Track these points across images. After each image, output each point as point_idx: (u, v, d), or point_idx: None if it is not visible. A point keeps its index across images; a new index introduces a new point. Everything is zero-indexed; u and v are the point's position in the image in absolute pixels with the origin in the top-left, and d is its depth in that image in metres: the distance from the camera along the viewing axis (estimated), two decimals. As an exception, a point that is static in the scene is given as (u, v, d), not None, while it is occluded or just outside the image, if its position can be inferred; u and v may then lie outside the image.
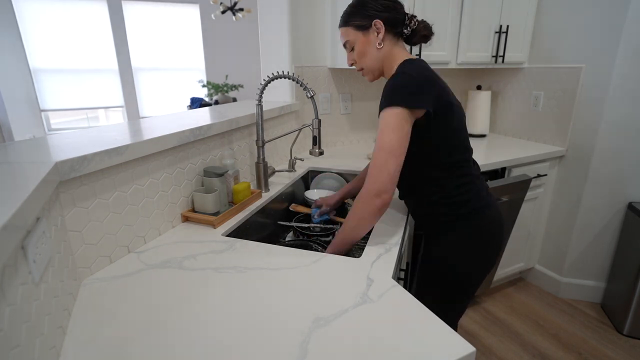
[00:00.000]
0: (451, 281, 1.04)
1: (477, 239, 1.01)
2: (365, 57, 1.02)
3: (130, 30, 4.96)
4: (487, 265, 1.05)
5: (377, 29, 0.97)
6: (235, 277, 0.80)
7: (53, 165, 0.67)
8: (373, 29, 0.98)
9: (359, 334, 0.62)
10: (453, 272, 1.03)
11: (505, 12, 1.99)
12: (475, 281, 1.06)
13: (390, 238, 0.99)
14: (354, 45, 1.02)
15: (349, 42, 1.03)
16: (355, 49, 1.02)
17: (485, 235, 1.02)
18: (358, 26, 0.99)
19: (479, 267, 1.04)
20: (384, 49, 0.99)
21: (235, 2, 4.60)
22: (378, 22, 0.96)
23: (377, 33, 0.98)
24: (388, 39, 0.99)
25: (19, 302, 0.48)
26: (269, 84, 1.25)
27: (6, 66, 4.27)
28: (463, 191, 0.99)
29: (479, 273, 1.05)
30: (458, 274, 1.03)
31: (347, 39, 1.03)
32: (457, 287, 1.05)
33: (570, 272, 2.12)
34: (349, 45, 1.04)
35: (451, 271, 1.03)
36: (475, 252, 1.02)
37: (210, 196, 1.07)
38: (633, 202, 1.87)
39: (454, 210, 1.00)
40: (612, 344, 1.80)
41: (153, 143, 0.93)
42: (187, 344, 0.60)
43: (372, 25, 0.97)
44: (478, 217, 1.00)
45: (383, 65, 1.02)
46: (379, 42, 0.98)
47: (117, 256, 0.87)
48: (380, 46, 0.99)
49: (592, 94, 1.88)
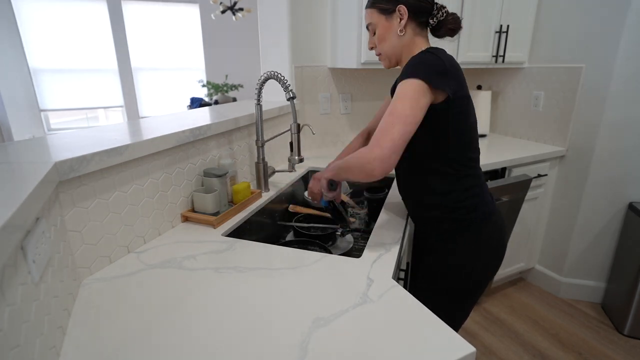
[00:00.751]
0: (460, 288, 1.02)
1: (487, 244, 0.99)
2: (385, 42, 0.98)
3: (130, 30, 4.96)
4: (495, 270, 1.04)
5: (401, 14, 0.93)
6: (235, 277, 0.80)
7: (52, 165, 0.67)
8: (397, 14, 0.94)
9: (359, 334, 0.62)
10: (464, 279, 1.01)
11: (505, 12, 1.99)
12: (484, 286, 1.04)
13: (390, 238, 0.99)
14: (375, 29, 0.99)
15: (371, 24, 1.00)
16: (376, 32, 0.99)
17: (494, 240, 1.01)
18: (382, 9, 0.95)
19: (488, 272, 1.03)
20: (405, 36, 0.96)
21: (235, 2, 4.60)
22: (402, 7, 0.93)
23: (400, 19, 0.94)
24: (411, 27, 0.95)
25: (18, 302, 0.47)
26: (265, 84, 1.24)
27: (6, 66, 4.27)
28: (474, 193, 0.97)
29: (488, 278, 1.03)
30: (469, 281, 1.01)
31: (370, 21, 0.99)
32: (465, 293, 1.03)
33: (571, 272, 2.12)
34: (371, 28, 1.00)
35: (462, 278, 1.00)
36: (486, 258, 1.01)
37: (210, 196, 1.07)
38: (633, 202, 1.87)
39: (463, 215, 0.97)
40: (612, 344, 1.80)
41: (153, 143, 0.93)
42: (187, 344, 0.60)
43: (396, 10, 0.94)
44: (487, 222, 0.98)
45: (402, 53, 0.99)
46: (401, 29, 0.94)
47: (116, 256, 0.87)
48: (402, 33, 0.95)
49: (592, 94, 1.88)
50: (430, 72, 0.84)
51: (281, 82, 1.18)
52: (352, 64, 1.74)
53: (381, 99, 2.17)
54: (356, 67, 1.72)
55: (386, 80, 2.15)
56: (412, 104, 0.82)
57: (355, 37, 1.68)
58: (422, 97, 0.83)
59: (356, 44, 1.68)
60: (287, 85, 1.18)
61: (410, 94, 0.82)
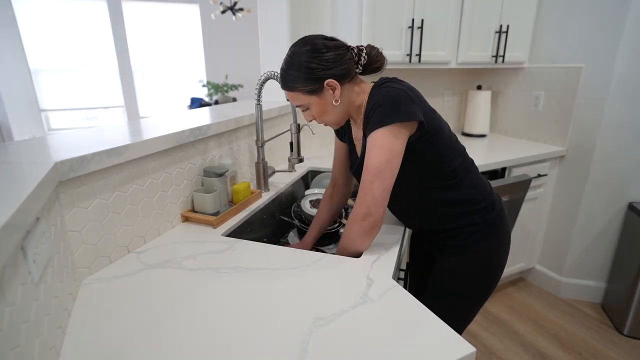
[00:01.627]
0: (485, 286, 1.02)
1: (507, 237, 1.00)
2: (326, 115, 0.92)
3: (130, 30, 4.96)
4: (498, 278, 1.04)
5: (332, 87, 0.87)
6: (235, 277, 0.80)
7: (52, 166, 0.67)
8: (326, 88, 0.87)
9: (359, 334, 0.62)
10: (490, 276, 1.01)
11: (505, 12, 1.99)
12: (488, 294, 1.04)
13: (390, 238, 0.99)
14: (309, 107, 0.92)
15: (302, 105, 0.93)
16: (312, 109, 0.92)
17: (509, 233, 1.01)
18: (308, 91, 0.88)
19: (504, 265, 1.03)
20: (344, 99, 0.90)
21: (235, 2, 4.60)
22: (331, 81, 0.86)
23: (333, 90, 0.88)
24: (345, 88, 0.90)
25: (18, 302, 0.47)
26: (265, 84, 1.24)
27: (6, 66, 4.27)
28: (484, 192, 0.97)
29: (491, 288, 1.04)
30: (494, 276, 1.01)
31: (299, 103, 0.92)
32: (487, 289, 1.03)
33: (571, 272, 2.12)
34: (302, 107, 0.93)
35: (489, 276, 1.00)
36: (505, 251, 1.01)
37: (210, 196, 1.07)
38: (633, 202, 1.87)
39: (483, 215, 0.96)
40: (612, 344, 1.80)
41: (153, 143, 0.93)
42: (187, 344, 0.60)
43: (324, 86, 0.87)
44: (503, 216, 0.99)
45: (348, 111, 0.94)
46: (336, 99, 0.88)
47: (116, 256, 0.87)
48: (338, 102, 0.89)
49: (592, 94, 1.88)
50: (394, 111, 0.81)
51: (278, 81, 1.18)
52: (352, 64, 1.74)
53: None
54: (356, 67, 1.72)
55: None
56: (386, 155, 0.81)
57: (355, 37, 1.68)
58: (396, 142, 0.82)
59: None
60: None
61: (380, 144, 0.81)
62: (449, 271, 1.01)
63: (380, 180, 0.82)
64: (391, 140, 0.82)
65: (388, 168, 0.82)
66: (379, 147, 0.82)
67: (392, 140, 0.82)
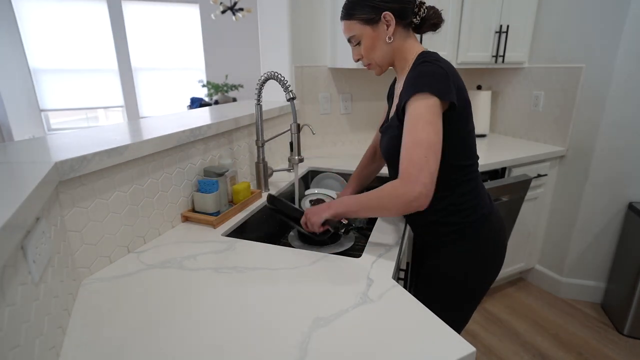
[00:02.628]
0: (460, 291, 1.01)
1: (486, 246, 0.99)
2: (374, 52, 0.94)
3: (130, 30, 4.96)
4: (495, 271, 1.03)
5: (387, 21, 0.89)
6: (235, 277, 0.80)
7: (53, 165, 0.67)
8: (382, 21, 0.89)
9: (359, 334, 0.62)
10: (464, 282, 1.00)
11: (505, 12, 1.99)
12: (485, 288, 1.04)
13: (390, 238, 0.99)
14: (360, 40, 0.94)
15: (354, 37, 0.94)
16: (362, 43, 0.94)
17: (492, 242, 0.99)
18: (365, 20, 0.90)
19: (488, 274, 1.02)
20: (395, 42, 0.92)
21: (235, 2, 4.60)
22: (388, 14, 0.88)
23: (387, 26, 0.90)
24: (398, 31, 0.91)
25: (18, 302, 0.47)
26: (265, 84, 1.24)
27: (6, 66, 4.27)
28: (471, 197, 0.96)
29: (488, 280, 1.03)
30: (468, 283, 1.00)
31: (353, 34, 0.94)
32: (465, 296, 1.02)
33: (571, 272, 2.12)
34: (354, 40, 0.95)
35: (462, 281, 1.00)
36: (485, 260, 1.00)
37: (210, 196, 1.07)
38: (633, 202, 1.87)
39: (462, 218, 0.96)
40: (612, 344, 1.80)
41: (153, 143, 0.93)
42: (187, 344, 0.60)
43: (381, 18, 0.89)
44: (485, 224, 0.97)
45: (394, 58, 0.95)
46: (389, 36, 0.90)
47: (116, 256, 0.87)
48: (391, 40, 0.91)
49: (592, 94, 1.88)
50: (435, 83, 0.81)
51: (281, 82, 1.17)
52: (352, 64, 1.74)
53: (381, 98, 2.17)
54: (356, 67, 1.72)
55: (386, 81, 2.15)
56: (434, 129, 0.79)
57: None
58: (437, 117, 0.80)
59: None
60: (288, 86, 1.18)
61: (428, 117, 0.79)
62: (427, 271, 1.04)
63: (434, 155, 0.78)
64: (435, 115, 0.80)
65: (439, 142, 0.79)
66: (427, 120, 0.79)
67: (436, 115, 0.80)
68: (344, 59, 1.81)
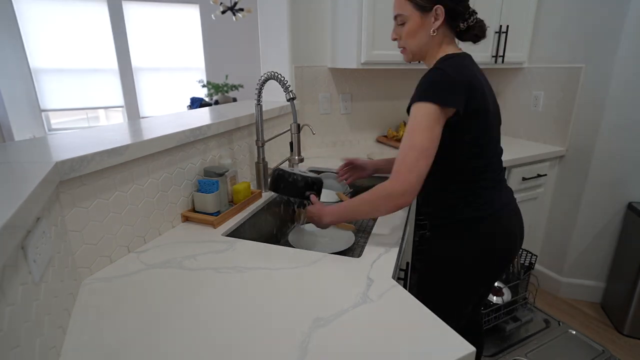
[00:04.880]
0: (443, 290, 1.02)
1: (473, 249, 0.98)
2: (414, 38, 0.95)
3: (131, 30, 4.96)
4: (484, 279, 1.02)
5: (437, 15, 0.91)
6: (235, 277, 0.80)
7: (53, 165, 0.67)
8: (432, 13, 0.91)
9: (359, 334, 0.62)
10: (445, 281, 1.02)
11: (505, 12, 1.99)
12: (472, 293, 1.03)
13: (390, 238, 0.99)
14: (405, 22, 0.94)
15: (401, 16, 0.95)
16: (406, 26, 0.95)
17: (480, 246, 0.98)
18: (419, 5, 0.91)
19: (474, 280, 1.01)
20: (436, 37, 0.94)
21: (235, 2, 4.60)
22: (440, 8, 0.90)
23: (435, 19, 0.91)
24: (442, 29, 0.93)
25: (19, 302, 0.48)
26: (265, 84, 1.24)
27: (6, 66, 4.27)
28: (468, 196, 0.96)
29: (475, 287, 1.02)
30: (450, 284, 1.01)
31: (402, 12, 0.94)
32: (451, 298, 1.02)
33: (570, 272, 2.12)
34: (400, 19, 0.96)
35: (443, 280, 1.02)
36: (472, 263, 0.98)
37: (210, 196, 1.07)
38: (633, 202, 1.87)
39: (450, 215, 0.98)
40: (612, 344, 1.80)
41: (153, 143, 0.93)
42: (187, 344, 0.60)
43: (432, 9, 0.90)
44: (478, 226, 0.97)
45: (427, 52, 0.97)
46: (434, 30, 0.92)
47: (117, 256, 0.88)
48: (434, 33, 0.92)
49: (592, 94, 1.88)
50: (437, 91, 0.84)
51: (281, 82, 1.18)
52: (352, 64, 1.74)
53: (381, 98, 2.17)
54: (356, 67, 1.72)
55: (386, 81, 2.15)
56: (430, 135, 0.84)
57: (355, 37, 1.68)
58: (436, 124, 0.84)
59: (356, 43, 1.68)
60: (288, 86, 1.18)
61: (424, 124, 0.84)
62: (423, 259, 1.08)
63: (425, 159, 0.84)
64: (433, 121, 0.84)
65: (432, 147, 0.85)
66: (424, 126, 0.84)
67: (434, 121, 0.84)
68: (344, 59, 1.81)
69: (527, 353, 1.53)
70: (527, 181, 1.96)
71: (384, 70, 2.12)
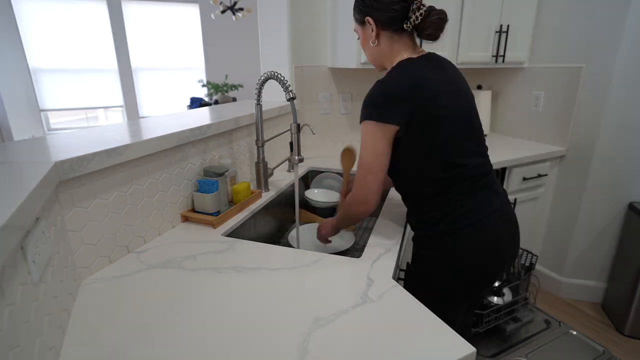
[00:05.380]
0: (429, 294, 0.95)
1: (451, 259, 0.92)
2: (365, 50, 1.00)
3: (130, 30, 4.96)
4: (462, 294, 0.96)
5: (371, 25, 0.92)
6: (235, 277, 0.80)
7: (52, 165, 0.67)
8: (367, 25, 0.93)
9: (359, 334, 0.62)
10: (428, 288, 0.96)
11: (505, 12, 1.99)
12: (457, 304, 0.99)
13: (390, 238, 0.99)
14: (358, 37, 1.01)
15: (355, 32, 1.01)
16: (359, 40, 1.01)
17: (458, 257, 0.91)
18: (356, 19, 0.97)
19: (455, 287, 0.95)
20: (380, 46, 0.94)
21: (235, 2, 4.59)
22: (369, 19, 0.91)
23: (372, 30, 0.93)
24: (385, 36, 0.92)
25: (18, 302, 0.47)
26: (265, 84, 1.24)
27: (6, 66, 4.27)
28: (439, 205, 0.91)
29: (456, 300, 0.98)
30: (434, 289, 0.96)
31: (354, 28, 1.01)
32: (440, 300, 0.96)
33: (571, 272, 2.12)
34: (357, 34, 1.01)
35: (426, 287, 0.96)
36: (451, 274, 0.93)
37: (210, 196, 1.07)
38: (633, 202, 1.87)
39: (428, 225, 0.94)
40: (612, 344, 1.80)
41: (152, 143, 0.93)
42: (187, 344, 0.60)
43: (365, 21, 0.93)
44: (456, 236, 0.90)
45: (383, 61, 0.97)
46: (373, 40, 0.93)
47: (116, 256, 0.87)
48: (374, 44, 0.94)
49: (593, 94, 1.88)
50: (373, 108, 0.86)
51: (281, 82, 1.17)
52: (352, 63, 1.74)
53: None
54: (356, 67, 1.72)
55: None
56: (373, 152, 0.88)
57: (355, 37, 1.68)
58: (379, 140, 0.87)
59: (356, 43, 1.68)
60: (287, 86, 1.17)
61: (368, 141, 0.88)
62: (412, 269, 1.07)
63: (372, 175, 0.89)
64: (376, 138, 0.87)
65: (376, 164, 0.89)
66: (367, 144, 0.88)
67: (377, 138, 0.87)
68: (344, 59, 1.81)
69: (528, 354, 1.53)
70: (528, 181, 1.96)
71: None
